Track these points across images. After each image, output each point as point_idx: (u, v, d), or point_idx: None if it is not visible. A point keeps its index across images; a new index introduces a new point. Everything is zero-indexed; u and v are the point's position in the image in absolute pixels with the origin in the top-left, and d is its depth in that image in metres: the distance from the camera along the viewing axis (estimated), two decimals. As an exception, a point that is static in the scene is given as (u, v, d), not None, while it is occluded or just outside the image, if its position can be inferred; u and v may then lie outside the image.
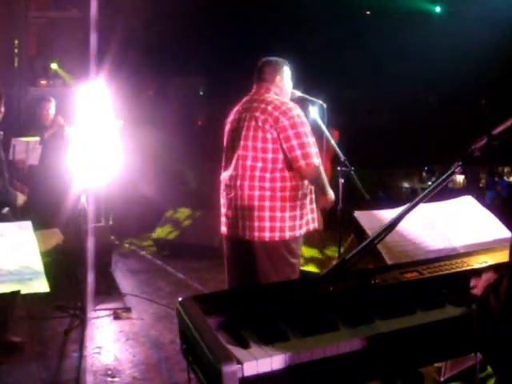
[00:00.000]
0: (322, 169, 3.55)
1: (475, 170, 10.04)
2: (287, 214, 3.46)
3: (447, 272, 1.84)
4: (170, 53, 9.79)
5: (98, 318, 4.86)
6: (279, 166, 3.45)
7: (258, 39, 9.93)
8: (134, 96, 8.91)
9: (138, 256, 7.01)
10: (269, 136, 3.42)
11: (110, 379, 3.92)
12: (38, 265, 2.34)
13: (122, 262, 6.66)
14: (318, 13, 10.04)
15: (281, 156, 3.45)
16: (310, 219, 3.64)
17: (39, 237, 4.71)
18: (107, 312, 4.99)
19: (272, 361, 1.33)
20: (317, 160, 3.50)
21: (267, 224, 3.45)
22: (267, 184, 3.45)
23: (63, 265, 5.22)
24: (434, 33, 10.30)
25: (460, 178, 10.20)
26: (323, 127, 4.13)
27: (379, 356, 1.50)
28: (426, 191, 1.82)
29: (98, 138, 4.76)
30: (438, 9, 11.03)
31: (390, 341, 1.51)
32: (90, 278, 4.77)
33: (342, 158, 4.39)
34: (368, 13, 10.80)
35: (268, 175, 3.45)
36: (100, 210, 6.08)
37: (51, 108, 6.51)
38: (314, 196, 3.69)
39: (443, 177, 1.76)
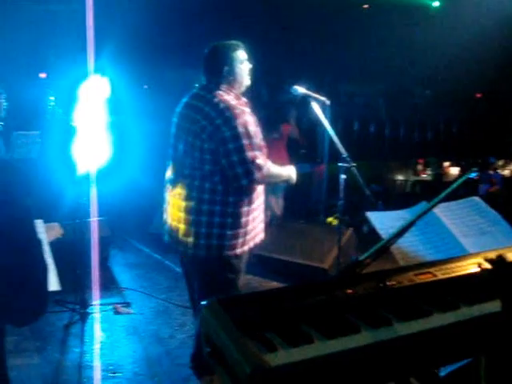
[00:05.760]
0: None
1: (470, 162, 10.09)
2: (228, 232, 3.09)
3: (460, 273, 1.85)
4: (167, 45, 9.75)
5: (97, 312, 4.86)
6: (217, 168, 3.05)
7: (254, 32, 9.91)
8: (131, 89, 8.86)
9: (135, 250, 6.98)
10: (204, 137, 3.04)
11: (111, 374, 3.92)
12: (49, 262, 2.25)
13: (119, 255, 6.64)
14: (317, 7, 10.03)
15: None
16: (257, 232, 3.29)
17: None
18: (107, 307, 4.98)
19: (299, 364, 1.34)
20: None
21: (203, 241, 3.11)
22: (206, 196, 3.06)
23: (62, 259, 5.19)
24: (431, 27, 10.33)
25: (455, 171, 10.24)
26: (326, 124, 4.12)
27: (399, 357, 1.52)
28: (441, 195, 1.83)
29: (97, 130, 4.75)
30: (435, 3, 11.05)
31: (409, 342, 1.53)
32: (90, 272, 4.76)
33: (344, 154, 4.38)
34: (366, 6, 10.80)
35: (207, 185, 3.07)
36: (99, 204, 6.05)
37: (52, 101, 6.50)
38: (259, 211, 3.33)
39: (458, 181, 1.77)
